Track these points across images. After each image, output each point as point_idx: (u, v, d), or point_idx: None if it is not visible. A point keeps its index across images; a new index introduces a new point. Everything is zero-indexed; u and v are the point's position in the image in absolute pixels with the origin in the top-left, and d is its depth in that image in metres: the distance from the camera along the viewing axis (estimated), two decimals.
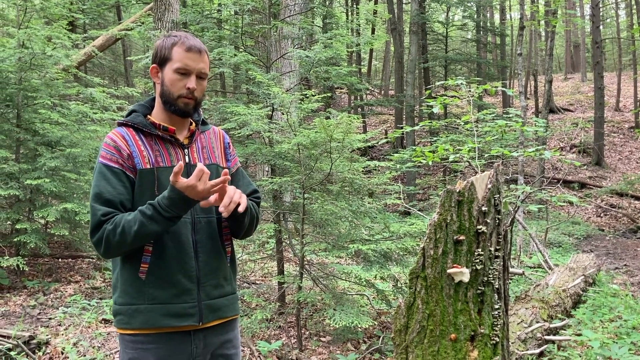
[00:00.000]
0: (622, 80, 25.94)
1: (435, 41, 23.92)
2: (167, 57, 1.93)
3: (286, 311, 5.29)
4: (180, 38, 1.94)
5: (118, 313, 1.90)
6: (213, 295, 1.97)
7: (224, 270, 2.03)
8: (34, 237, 5.89)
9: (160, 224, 1.78)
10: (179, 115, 1.97)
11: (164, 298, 1.87)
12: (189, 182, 1.74)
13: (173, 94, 1.93)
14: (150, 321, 1.86)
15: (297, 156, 4.90)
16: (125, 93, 7.65)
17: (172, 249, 1.89)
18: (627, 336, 4.67)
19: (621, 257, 10.54)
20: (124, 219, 1.79)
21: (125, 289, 1.88)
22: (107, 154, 1.90)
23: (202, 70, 1.95)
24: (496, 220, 2.23)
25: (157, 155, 1.93)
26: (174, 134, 1.98)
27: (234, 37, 6.64)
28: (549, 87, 14.63)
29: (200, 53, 1.93)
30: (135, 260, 1.87)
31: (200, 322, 1.93)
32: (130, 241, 1.78)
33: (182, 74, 1.91)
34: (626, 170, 19.09)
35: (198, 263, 1.94)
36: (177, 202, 1.77)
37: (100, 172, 1.88)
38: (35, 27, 6.48)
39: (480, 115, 6.32)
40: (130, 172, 1.89)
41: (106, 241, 1.80)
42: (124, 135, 1.93)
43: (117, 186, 1.86)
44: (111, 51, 18.56)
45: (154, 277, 1.87)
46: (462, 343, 2.17)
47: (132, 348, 1.89)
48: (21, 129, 6.44)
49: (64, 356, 4.34)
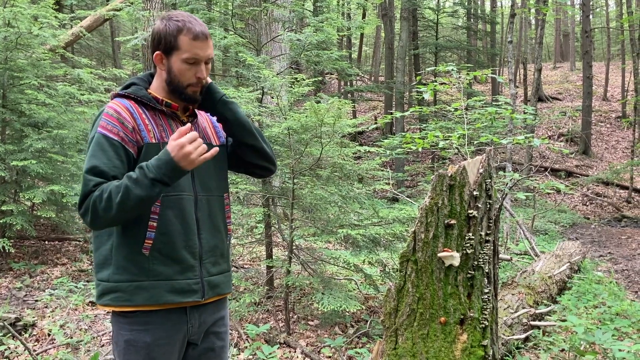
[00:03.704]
0: (610, 70, 26.12)
1: (425, 28, 23.83)
2: (173, 45, 1.87)
3: (274, 295, 5.30)
4: (184, 23, 1.87)
5: (114, 290, 1.84)
6: (212, 272, 1.98)
7: (221, 248, 2.03)
8: (20, 219, 5.83)
9: (143, 188, 1.71)
10: (188, 102, 1.95)
11: (168, 274, 1.85)
12: (180, 141, 1.71)
13: (182, 83, 1.90)
14: (155, 297, 1.83)
15: (287, 140, 4.87)
16: (113, 74, 7.56)
17: (177, 225, 1.87)
18: (611, 322, 4.74)
19: (606, 245, 10.67)
20: (112, 185, 1.74)
21: (125, 265, 1.83)
22: (108, 125, 1.82)
23: (210, 56, 1.92)
24: (487, 204, 2.24)
25: (162, 131, 1.90)
26: (177, 110, 1.96)
27: (224, 19, 6.55)
28: (538, 76, 14.68)
29: (207, 39, 1.89)
30: (138, 235, 1.83)
31: (203, 297, 1.93)
32: (116, 208, 1.71)
33: (191, 64, 1.88)
34: (612, 160, 19.26)
35: (200, 240, 1.93)
36: (164, 164, 1.72)
37: (98, 142, 1.81)
38: (21, 5, 6.35)
39: (470, 102, 6.32)
40: (132, 146, 1.84)
41: (93, 208, 1.73)
42: (128, 107, 1.87)
43: (113, 159, 1.80)
44: (99, 32, 18.31)
45: (158, 253, 1.84)
46: (451, 326, 2.18)
47: (128, 330, 1.85)
48: (7, 109, 6.34)
49: (51, 338, 4.32)
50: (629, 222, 13.85)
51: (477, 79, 6.33)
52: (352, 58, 26.89)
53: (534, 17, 24.08)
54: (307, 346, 4.39)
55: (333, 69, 7.16)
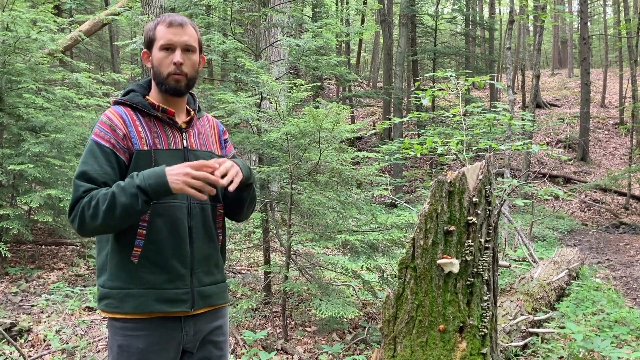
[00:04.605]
0: (608, 76, 26.18)
1: (424, 34, 23.90)
2: (152, 38, 1.91)
3: (272, 301, 5.27)
4: (163, 17, 1.92)
5: (107, 296, 1.85)
6: (204, 282, 1.94)
7: (215, 257, 2.00)
8: (16, 223, 5.80)
9: (127, 196, 1.69)
10: (171, 94, 1.92)
11: (156, 283, 1.83)
12: (188, 168, 1.71)
13: (162, 72, 1.89)
14: (142, 306, 1.82)
15: (285, 145, 4.86)
16: (111, 79, 7.54)
17: (167, 233, 1.85)
18: (610, 329, 4.73)
19: (604, 251, 10.66)
20: (101, 192, 1.74)
21: (116, 272, 1.83)
22: (101, 132, 1.84)
23: (187, 42, 1.89)
24: (487, 211, 2.23)
25: (155, 137, 1.88)
26: (173, 116, 1.94)
27: (223, 24, 6.55)
28: (536, 82, 14.71)
29: (182, 26, 1.89)
30: (128, 243, 1.82)
31: (193, 308, 1.90)
32: (102, 215, 1.70)
33: (167, 50, 1.88)
34: (610, 166, 19.28)
35: (192, 249, 1.91)
36: (154, 175, 1.71)
37: (91, 149, 1.83)
38: (20, 9, 6.35)
39: (469, 108, 6.31)
40: (123, 153, 1.84)
41: (81, 214, 1.74)
42: (121, 115, 1.88)
43: (104, 165, 1.80)
44: (98, 37, 18.33)
45: (147, 262, 1.83)
46: (450, 334, 2.16)
47: (121, 335, 1.84)
48: (4, 113, 6.32)
49: (46, 343, 4.29)
50: (627, 228, 13.85)
51: (476, 85, 6.33)
52: (350, 64, 26.93)
53: (533, 24, 24.14)
54: (304, 353, 4.37)
55: (332, 75, 7.15)
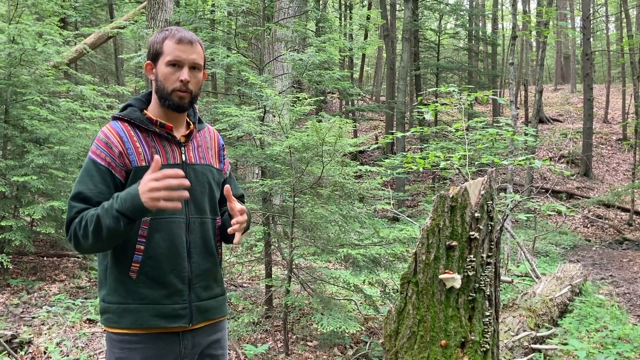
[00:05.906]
0: (610, 92, 26.23)
1: (427, 49, 24.03)
2: (159, 51, 1.89)
3: (273, 315, 5.25)
4: (171, 31, 1.89)
5: (106, 311, 1.86)
6: (203, 296, 1.94)
7: (214, 271, 2.00)
8: (19, 235, 5.81)
9: (110, 219, 1.67)
10: (174, 110, 1.90)
11: (154, 298, 1.83)
12: (147, 177, 1.64)
13: (167, 88, 1.87)
14: (139, 321, 1.82)
15: (288, 159, 4.87)
16: (115, 91, 7.60)
17: (165, 248, 1.84)
18: (613, 346, 4.69)
19: (607, 267, 10.61)
20: (89, 213, 1.73)
21: (115, 287, 1.84)
22: (97, 149, 1.84)
23: (195, 61, 1.89)
24: (489, 226, 2.23)
25: (153, 152, 1.87)
26: (171, 130, 1.92)
27: (227, 38, 6.61)
28: (539, 97, 14.74)
29: (191, 44, 1.88)
30: (126, 258, 1.82)
31: (190, 323, 1.90)
32: (92, 237, 1.70)
33: (174, 66, 1.86)
34: (613, 182, 19.25)
35: (190, 264, 1.90)
36: (130, 197, 1.66)
37: (87, 167, 1.83)
38: (26, 22, 6.43)
39: (472, 123, 6.33)
40: (119, 171, 1.82)
41: (74, 235, 1.75)
42: (118, 131, 1.86)
43: (99, 184, 1.80)
44: (102, 50, 18.45)
45: (145, 277, 1.83)
46: (452, 349, 2.15)
47: (119, 348, 1.84)
48: (9, 125, 6.36)
49: (47, 356, 4.27)
50: (630, 244, 13.78)
51: (479, 100, 6.36)
52: (353, 78, 27.05)
53: (535, 39, 24.27)
54: None
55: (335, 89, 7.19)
